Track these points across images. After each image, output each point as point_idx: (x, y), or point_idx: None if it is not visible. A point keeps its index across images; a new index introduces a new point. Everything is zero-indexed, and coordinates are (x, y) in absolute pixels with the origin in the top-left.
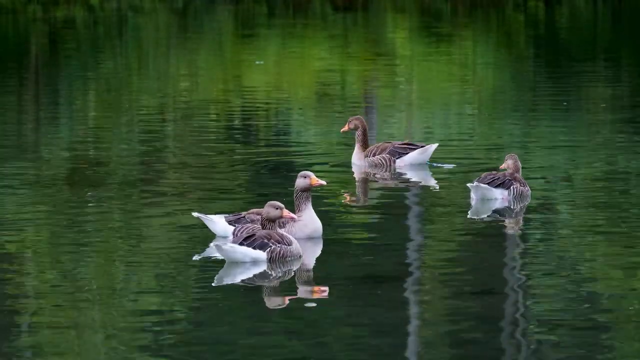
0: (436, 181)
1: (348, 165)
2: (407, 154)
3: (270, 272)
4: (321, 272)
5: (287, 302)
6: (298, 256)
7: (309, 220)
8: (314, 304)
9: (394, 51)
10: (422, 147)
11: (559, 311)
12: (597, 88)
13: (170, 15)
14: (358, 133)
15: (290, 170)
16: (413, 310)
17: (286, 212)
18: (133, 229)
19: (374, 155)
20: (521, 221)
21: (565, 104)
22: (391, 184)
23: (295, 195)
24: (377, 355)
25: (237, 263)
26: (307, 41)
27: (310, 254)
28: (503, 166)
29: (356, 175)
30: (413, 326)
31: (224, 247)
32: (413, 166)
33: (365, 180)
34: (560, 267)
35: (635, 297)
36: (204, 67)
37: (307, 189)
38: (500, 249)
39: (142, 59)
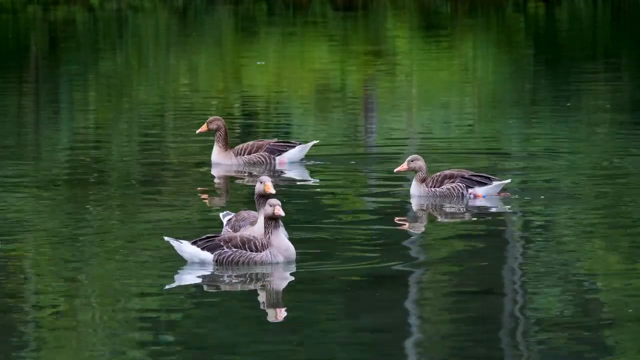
0: (317, 179)
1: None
2: (286, 151)
3: (269, 273)
4: (321, 272)
5: (287, 302)
6: (267, 263)
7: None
8: (314, 304)
9: (394, 51)
10: (299, 144)
11: (559, 311)
12: (597, 88)
13: (170, 15)
14: (219, 133)
15: (289, 171)
16: (413, 310)
17: (278, 210)
18: (133, 228)
19: (248, 154)
20: (521, 221)
21: (568, 104)
22: (286, 181)
23: (255, 199)
24: (377, 355)
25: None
26: (307, 41)
27: (311, 254)
28: (400, 168)
29: (216, 174)
30: (413, 326)
31: (173, 242)
32: (292, 163)
33: (232, 179)
34: (560, 267)
35: (635, 297)
36: (203, 67)
37: (264, 195)
38: (500, 249)
39: (142, 58)
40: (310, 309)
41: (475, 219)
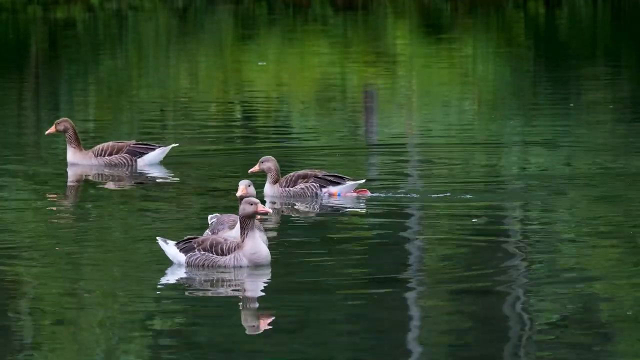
0: (178, 179)
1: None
2: (147, 153)
3: (269, 273)
4: (321, 272)
5: (286, 301)
6: (230, 267)
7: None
8: (314, 304)
9: (394, 51)
10: (160, 147)
11: (559, 311)
12: (597, 88)
13: (170, 15)
14: (68, 134)
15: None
16: (413, 310)
17: (260, 207)
18: (133, 228)
19: (109, 155)
20: (521, 221)
21: (571, 105)
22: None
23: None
24: (377, 355)
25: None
26: (307, 41)
27: (310, 254)
28: (253, 169)
29: (73, 174)
30: (413, 326)
31: (161, 243)
32: (153, 165)
33: (89, 180)
34: (560, 266)
35: (635, 297)
36: (203, 67)
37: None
38: (500, 249)
39: (142, 59)
40: (310, 309)
41: (475, 219)
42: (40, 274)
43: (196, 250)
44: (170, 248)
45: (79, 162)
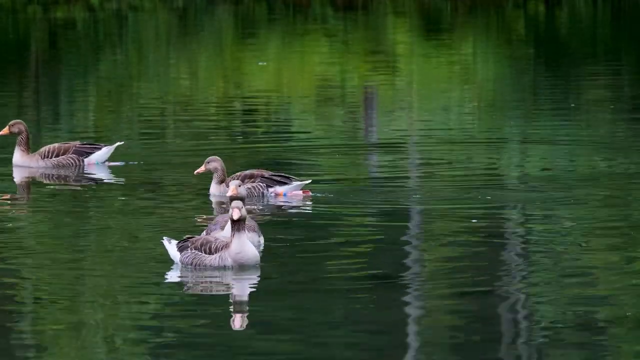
0: (122, 179)
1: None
2: (93, 153)
3: (271, 273)
4: (321, 272)
5: (286, 301)
6: (215, 267)
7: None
8: (313, 304)
9: (394, 51)
10: (105, 146)
11: (559, 311)
12: (597, 88)
13: (170, 15)
14: (21, 137)
15: (290, 170)
16: (413, 310)
17: (236, 213)
18: (133, 228)
19: (56, 156)
20: (521, 221)
21: (572, 105)
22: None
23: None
24: (377, 355)
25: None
26: (307, 41)
27: (310, 254)
28: (199, 170)
29: (18, 177)
30: (413, 326)
31: (165, 241)
32: (99, 165)
33: (36, 181)
34: (560, 267)
35: (635, 297)
36: (204, 67)
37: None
38: (500, 249)
39: (142, 59)
40: (310, 309)
41: (475, 219)
42: None
43: (189, 249)
44: (171, 247)
45: (24, 164)
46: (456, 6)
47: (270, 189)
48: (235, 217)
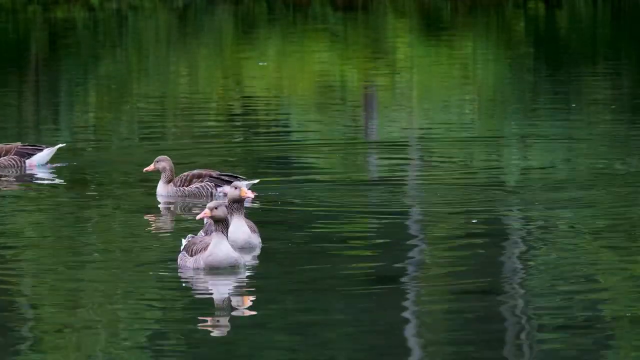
0: (62, 180)
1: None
2: (35, 154)
3: (271, 273)
4: (321, 272)
5: (286, 302)
6: (191, 269)
7: (230, 230)
8: (313, 304)
9: (394, 51)
10: (47, 147)
11: (559, 311)
12: (597, 88)
13: (170, 15)
14: None
15: (290, 170)
16: (413, 310)
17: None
18: (133, 228)
19: None
20: (521, 221)
21: (573, 105)
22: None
23: (227, 205)
24: (377, 355)
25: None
26: (307, 41)
27: (310, 254)
28: (148, 169)
29: None
30: (413, 326)
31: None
32: (40, 166)
33: None
34: (560, 266)
35: (635, 297)
36: (203, 67)
37: (238, 200)
38: (500, 249)
39: (142, 59)
40: (310, 309)
41: (475, 219)
42: None
43: (182, 250)
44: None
45: None
46: (456, 6)
47: (219, 189)
48: (198, 217)
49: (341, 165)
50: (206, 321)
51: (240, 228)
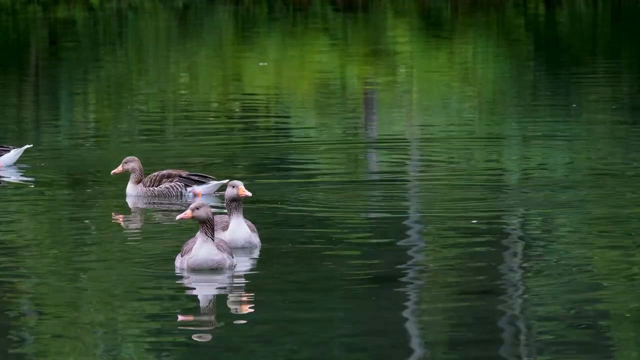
0: (32, 181)
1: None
2: (2, 155)
3: (270, 273)
4: (321, 272)
5: (285, 302)
6: (178, 269)
7: (230, 230)
8: (313, 304)
9: (394, 50)
10: (14, 148)
11: (559, 311)
12: (597, 88)
13: (170, 15)
14: None
15: (290, 170)
16: (413, 310)
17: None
18: (133, 228)
19: None
20: (521, 221)
21: (574, 105)
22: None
23: (225, 204)
24: (377, 355)
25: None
26: (307, 41)
27: (309, 254)
28: (116, 170)
29: None
30: (413, 326)
31: None
32: (8, 167)
33: None
34: (560, 267)
35: (635, 297)
36: (204, 67)
37: (236, 199)
38: (500, 249)
39: (142, 59)
40: (310, 309)
41: (475, 219)
42: None
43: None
44: None
45: None
46: (456, 6)
47: (189, 189)
48: (177, 217)
49: (341, 165)
50: (205, 321)
51: (240, 227)
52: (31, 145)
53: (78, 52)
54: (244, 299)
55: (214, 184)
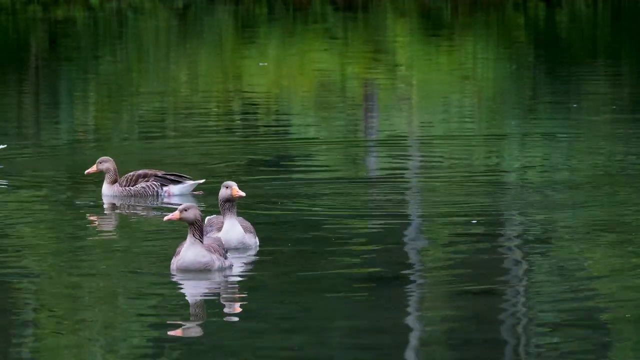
0: (27, 180)
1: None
2: None
3: (270, 273)
4: (320, 272)
5: (285, 302)
6: (183, 269)
7: (224, 230)
8: (313, 304)
9: (394, 50)
10: None
11: (559, 311)
12: (597, 88)
13: (170, 15)
14: None
15: (290, 170)
16: (413, 310)
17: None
18: (133, 228)
19: None
20: (521, 221)
21: (575, 105)
22: None
23: (219, 205)
24: (377, 355)
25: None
26: (307, 41)
27: (309, 254)
28: (90, 170)
29: None
30: (413, 326)
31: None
32: None
33: None
34: (560, 267)
35: (635, 297)
36: (204, 67)
37: (229, 200)
38: (500, 249)
39: (142, 59)
40: (310, 309)
41: (475, 219)
42: None
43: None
44: None
45: None
46: (456, 6)
47: (165, 188)
48: (165, 218)
49: (341, 165)
50: (205, 322)
51: (234, 228)
52: (5, 146)
53: (78, 52)
54: (243, 299)
55: (189, 183)
